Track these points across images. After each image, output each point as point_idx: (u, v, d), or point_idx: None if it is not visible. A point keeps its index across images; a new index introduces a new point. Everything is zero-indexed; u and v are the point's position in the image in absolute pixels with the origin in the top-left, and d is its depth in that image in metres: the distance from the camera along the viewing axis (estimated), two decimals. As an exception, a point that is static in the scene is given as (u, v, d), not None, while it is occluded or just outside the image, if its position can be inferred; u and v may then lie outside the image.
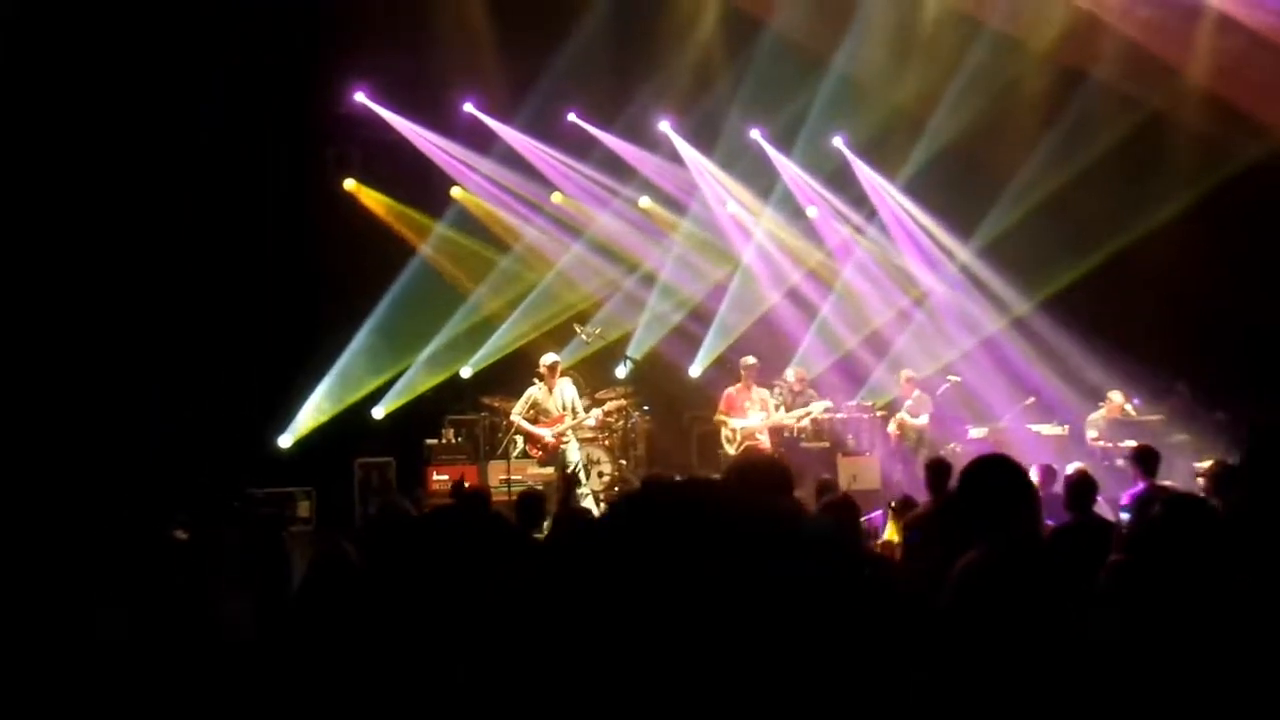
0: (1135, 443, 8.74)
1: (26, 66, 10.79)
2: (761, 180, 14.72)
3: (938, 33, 13.06)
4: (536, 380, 11.47)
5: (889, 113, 13.82)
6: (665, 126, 14.37)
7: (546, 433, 11.26)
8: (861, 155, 14.70)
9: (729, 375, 12.37)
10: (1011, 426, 12.49)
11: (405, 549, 2.71)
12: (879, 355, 14.38)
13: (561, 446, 11.31)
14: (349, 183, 13.94)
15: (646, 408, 12.51)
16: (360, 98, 13.47)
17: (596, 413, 11.63)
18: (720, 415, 12.04)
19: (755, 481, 3.57)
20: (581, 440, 11.63)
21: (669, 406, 13.68)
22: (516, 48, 12.81)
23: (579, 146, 14.20)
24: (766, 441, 11.77)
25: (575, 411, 11.39)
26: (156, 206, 12.01)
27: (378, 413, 13.66)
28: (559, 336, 13.26)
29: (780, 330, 14.47)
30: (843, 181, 14.87)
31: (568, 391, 11.45)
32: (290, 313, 12.81)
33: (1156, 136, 12.95)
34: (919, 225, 14.82)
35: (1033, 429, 12.47)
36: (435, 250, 14.10)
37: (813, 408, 12.14)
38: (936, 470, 7.16)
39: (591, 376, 12.67)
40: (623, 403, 12.15)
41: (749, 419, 11.82)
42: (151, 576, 4.57)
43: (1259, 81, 12.15)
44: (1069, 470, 6.66)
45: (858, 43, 12.96)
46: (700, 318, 14.58)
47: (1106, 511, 7.24)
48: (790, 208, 14.94)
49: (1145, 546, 3.33)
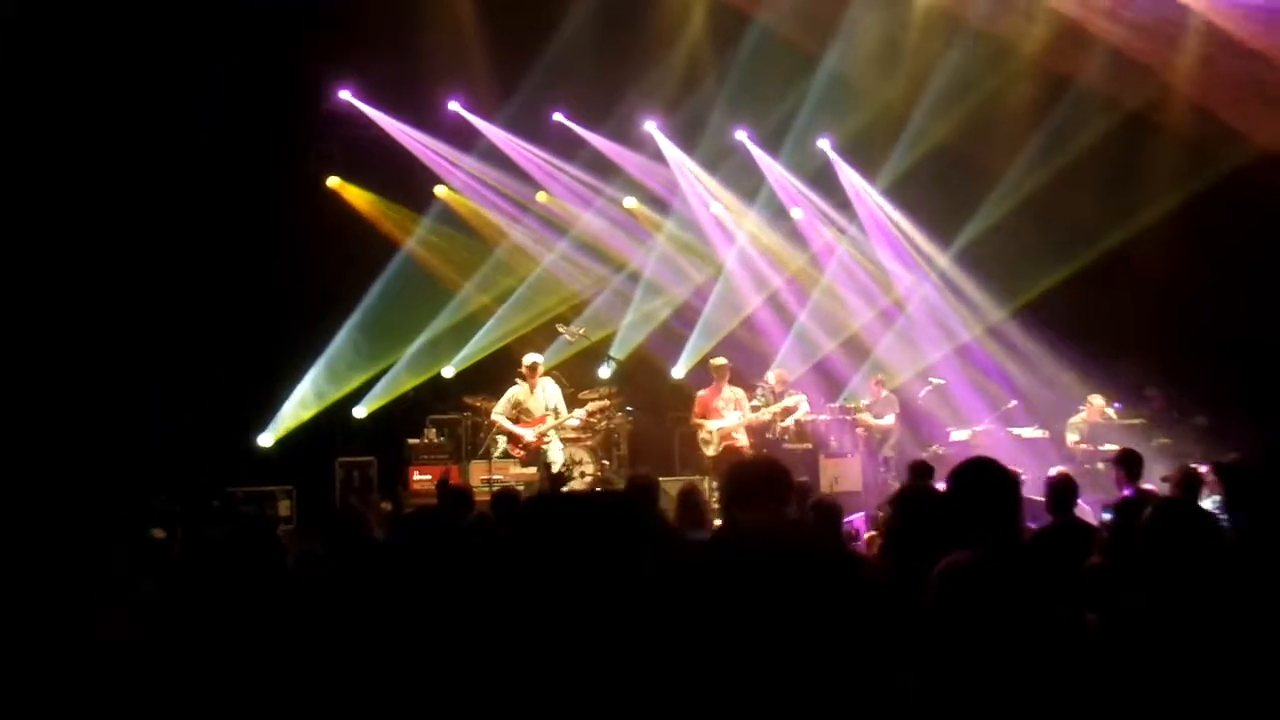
0: (1116, 446, 8.78)
1: (26, 66, 10.70)
2: (747, 181, 14.71)
3: (923, 36, 13.07)
4: (518, 380, 11.45)
5: (874, 115, 13.83)
6: (651, 127, 14.36)
7: (528, 432, 11.24)
8: (846, 157, 14.73)
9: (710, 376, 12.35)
10: (993, 429, 12.56)
11: (435, 548, 2.68)
12: (860, 358, 14.41)
13: (543, 446, 11.29)
14: (332, 180, 13.88)
15: (629, 408, 12.48)
16: (345, 95, 13.41)
17: (579, 413, 11.61)
18: (696, 419, 12.03)
19: (752, 490, 3.53)
20: (564, 440, 11.62)
21: (652, 407, 13.66)
22: (502, 46, 12.75)
23: (564, 146, 14.17)
24: (744, 440, 11.76)
25: (558, 412, 11.38)
26: (143, 206, 11.92)
27: (359, 412, 13.61)
28: (542, 336, 13.23)
29: (763, 332, 14.48)
30: (827, 183, 14.89)
31: (550, 391, 11.43)
32: (271, 311, 12.72)
33: (1139, 141, 13.00)
34: (899, 230, 14.86)
35: (1014, 432, 12.55)
36: (418, 249, 14.05)
37: (786, 401, 12.13)
38: (918, 473, 7.24)
39: (574, 377, 12.64)
40: (606, 403, 12.12)
41: (725, 419, 11.81)
42: (130, 575, 4.53)
43: (1242, 87, 12.21)
44: (1051, 473, 6.69)
45: (845, 44, 12.96)
46: (684, 318, 14.58)
47: (1087, 514, 7.27)
48: (774, 209, 14.95)
49: (1133, 550, 3.33)
